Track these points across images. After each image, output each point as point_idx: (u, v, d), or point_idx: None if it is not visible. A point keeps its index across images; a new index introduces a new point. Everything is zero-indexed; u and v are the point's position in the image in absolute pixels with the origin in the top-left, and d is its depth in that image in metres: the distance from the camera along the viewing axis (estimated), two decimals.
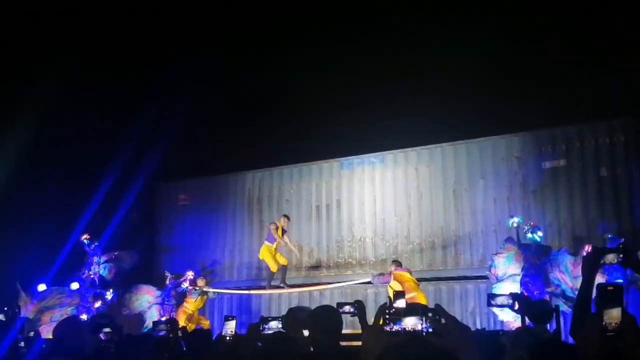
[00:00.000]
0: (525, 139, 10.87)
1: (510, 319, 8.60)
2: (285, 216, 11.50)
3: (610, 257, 2.96)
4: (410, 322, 1.59)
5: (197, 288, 10.97)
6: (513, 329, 8.64)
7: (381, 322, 1.78)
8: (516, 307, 4.63)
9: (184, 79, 11.33)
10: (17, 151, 10.03)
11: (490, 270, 9.22)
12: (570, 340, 4.14)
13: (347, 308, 4.10)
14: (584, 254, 3.68)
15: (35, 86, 10.22)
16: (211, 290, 11.36)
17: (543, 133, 10.73)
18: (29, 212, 11.07)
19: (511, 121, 10.79)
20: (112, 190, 11.65)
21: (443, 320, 1.60)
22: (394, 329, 1.60)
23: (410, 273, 9.72)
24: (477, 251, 10.88)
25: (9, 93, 10.64)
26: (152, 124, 10.90)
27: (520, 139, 10.92)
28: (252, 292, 11.81)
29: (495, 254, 9.21)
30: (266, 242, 11.24)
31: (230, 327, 3.57)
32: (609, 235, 8.68)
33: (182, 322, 10.88)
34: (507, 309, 8.78)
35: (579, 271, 7.93)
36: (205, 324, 11.00)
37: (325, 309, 3.76)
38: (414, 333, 1.56)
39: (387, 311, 1.64)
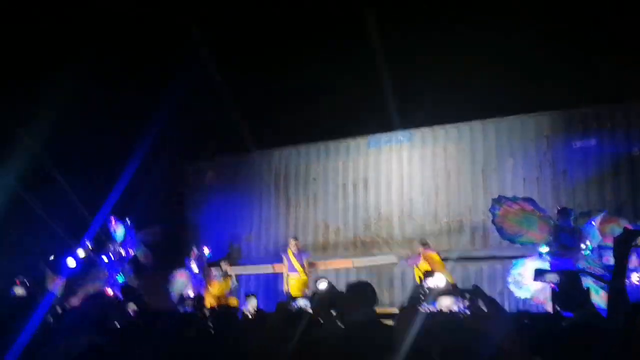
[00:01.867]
0: (555, 118, 10.67)
1: (528, 296, 8.53)
2: (294, 238, 11.25)
3: None
4: (446, 303, 1.56)
5: (221, 271, 11.07)
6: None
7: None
8: (561, 283, 4.47)
9: (211, 57, 11.33)
10: (47, 129, 10.14)
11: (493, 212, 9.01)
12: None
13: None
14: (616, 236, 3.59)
15: (63, 65, 10.30)
16: (234, 274, 11.39)
17: (573, 112, 10.51)
18: (56, 190, 11.22)
19: (541, 100, 10.59)
20: (140, 169, 11.76)
21: (482, 303, 1.57)
22: (429, 310, 1.57)
23: (438, 254, 9.73)
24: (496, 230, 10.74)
25: (38, 70, 10.77)
26: (180, 102, 10.94)
27: (549, 118, 10.72)
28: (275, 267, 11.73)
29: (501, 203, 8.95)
30: (290, 274, 10.90)
31: (252, 304, 3.61)
32: None
33: (208, 304, 11.08)
34: (525, 287, 8.76)
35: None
36: (233, 303, 11.13)
37: (360, 284, 3.71)
38: (450, 315, 1.54)
39: (421, 291, 1.62)
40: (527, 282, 8.63)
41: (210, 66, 11.60)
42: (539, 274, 5.10)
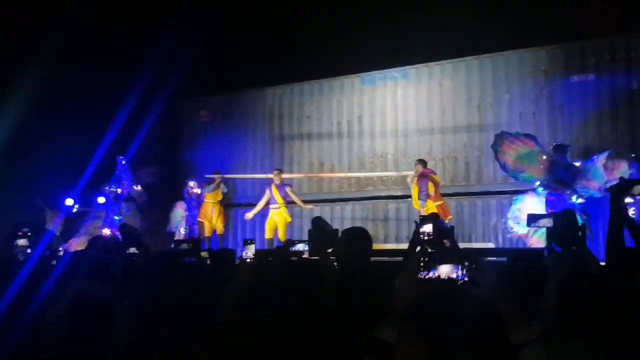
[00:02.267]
0: (553, 52, 10.50)
1: (526, 232, 8.64)
2: (276, 170, 11.28)
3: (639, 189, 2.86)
4: (445, 270, 1.55)
5: (212, 183, 11.46)
6: (530, 245, 8.74)
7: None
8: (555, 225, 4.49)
9: None
10: (42, 70, 9.96)
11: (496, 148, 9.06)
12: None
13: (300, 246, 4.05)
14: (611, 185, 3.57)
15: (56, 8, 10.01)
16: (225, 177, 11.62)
17: (572, 46, 10.33)
18: (54, 131, 11.12)
19: (539, 33, 10.37)
20: (135, 108, 11.63)
21: (480, 269, 1.55)
22: (428, 276, 1.56)
23: (436, 174, 10.00)
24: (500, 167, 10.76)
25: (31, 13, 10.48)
26: (173, 40, 10.69)
27: (547, 52, 10.55)
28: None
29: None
30: (271, 207, 11.02)
31: (251, 250, 3.62)
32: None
33: (205, 221, 11.25)
34: (523, 223, 8.87)
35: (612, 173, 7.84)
36: (220, 227, 11.37)
37: (356, 230, 3.72)
38: (449, 281, 1.53)
39: (422, 258, 1.60)
40: (506, 159, 8.81)
41: (204, 2, 11.27)
42: (532, 219, 5.10)
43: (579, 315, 2.04)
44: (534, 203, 8.73)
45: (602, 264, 3.90)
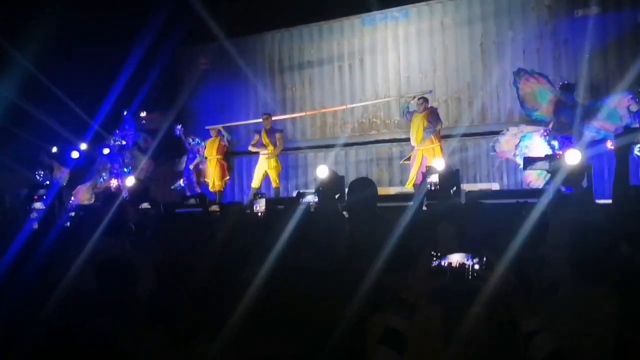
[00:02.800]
0: None
1: (535, 176, 8.65)
2: (265, 114, 11.13)
3: None
4: (456, 258, 1.56)
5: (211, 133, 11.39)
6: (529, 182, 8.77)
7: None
8: (552, 168, 4.55)
9: None
10: (46, 27, 9.83)
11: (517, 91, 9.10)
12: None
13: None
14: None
15: None
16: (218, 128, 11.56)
17: None
18: (59, 84, 11.05)
19: None
20: (136, 58, 11.51)
21: (491, 258, 1.57)
22: (440, 265, 1.58)
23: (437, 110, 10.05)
24: (504, 105, 10.70)
25: None
26: None
27: None
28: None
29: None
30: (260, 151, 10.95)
31: (262, 204, 3.66)
32: None
33: (209, 177, 11.26)
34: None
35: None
36: (218, 184, 11.33)
37: (361, 182, 3.73)
38: (459, 273, 1.55)
39: (433, 253, 1.61)
40: (533, 155, 8.80)
41: None
42: (528, 162, 5.11)
43: (591, 264, 2.08)
44: (541, 142, 8.72)
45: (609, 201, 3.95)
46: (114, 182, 11.57)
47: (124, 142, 12.00)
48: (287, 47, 12.72)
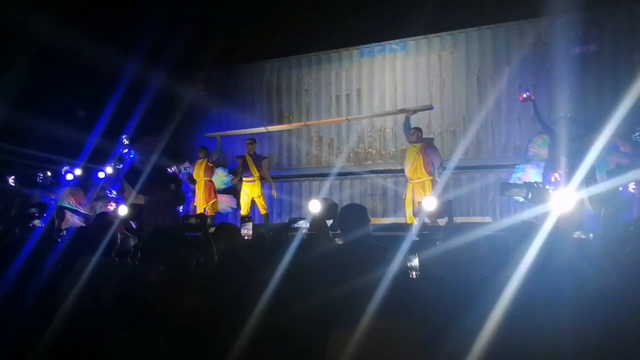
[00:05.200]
0: (554, 24, 10.38)
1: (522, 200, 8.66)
2: (249, 140, 10.96)
3: None
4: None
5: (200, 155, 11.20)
6: None
7: None
8: (529, 197, 4.55)
9: None
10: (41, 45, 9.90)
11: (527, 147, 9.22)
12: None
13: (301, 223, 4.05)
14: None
15: None
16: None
17: (573, 17, 10.21)
18: (55, 107, 11.07)
19: (540, 4, 10.24)
20: (133, 82, 11.55)
21: None
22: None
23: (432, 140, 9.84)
24: (499, 140, 10.77)
25: None
26: (171, 13, 10.56)
27: (548, 23, 10.43)
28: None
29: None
30: (244, 179, 10.78)
31: (249, 228, 3.63)
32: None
33: (197, 200, 11.14)
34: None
35: None
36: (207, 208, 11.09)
37: (351, 208, 3.70)
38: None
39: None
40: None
41: None
42: (505, 187, 5.10)
43: None
44: (534, 174, 8.76)
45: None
46: (111, 206, 11.47)
47: (120, 167, 11.94)
48: (285, 75, 12.82)
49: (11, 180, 10.93)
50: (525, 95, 8.46)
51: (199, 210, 10.95)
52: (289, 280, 2.72)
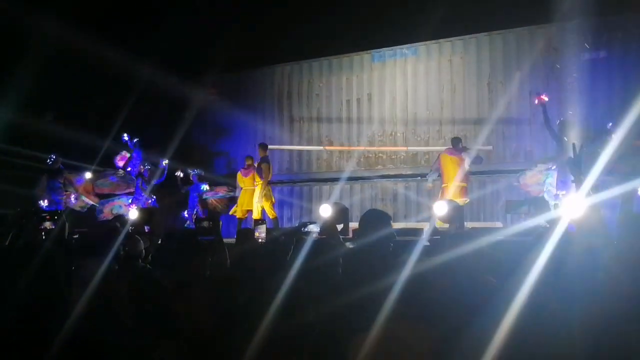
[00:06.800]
0: (564, 29, 10.38)
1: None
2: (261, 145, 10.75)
3: None
4: None
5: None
6: None
7: None
8: (530, 211, 4.58)
9: None
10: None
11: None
12: None
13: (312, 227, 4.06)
14: None
15: None
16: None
17: (583, 23, 10.21)
18: (71, 111, 11.18)
19: (550, 10, 10.25)
20: (145, 87, 11.63)
21: None
22: None
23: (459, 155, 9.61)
24: (509, 145, 10.76)
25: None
26: (182, 18, 10.66)
27: (559, 29, 10.43)
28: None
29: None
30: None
31: (262, 230, 3.67)
32: None
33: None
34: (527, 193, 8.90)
35: None
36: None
37: (373, 214, 3.70)
38: None
39: None
40: (530, 189, 8.81)
41: None
42: (511, 206, 5.13)
43: None
44: (540, 177, 8.73)
45: None
46: (123, 210, 11.45)
47: (130, 173, 11.87)
48: (296, 80, 12.87)
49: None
50: (542, 97, 8.41)
51: (254, 216, 10.78)
52: (302, 285, 2.75)
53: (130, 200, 11.42)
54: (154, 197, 11.58)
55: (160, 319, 2.81)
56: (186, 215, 11.81)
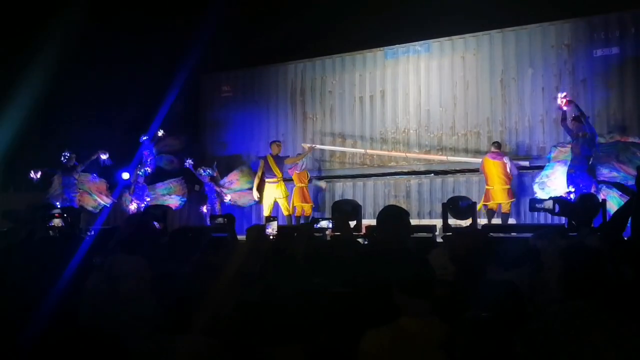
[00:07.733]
0: (577, 26, 10.39)
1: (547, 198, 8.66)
2: (275, 142, 11.24)
3: None
4: None
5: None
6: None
7: None
8: (557, 211, 4.63)
9: None
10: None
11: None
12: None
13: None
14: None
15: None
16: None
17: (595, 19, 10.21)
18: (76, 109, 11.32)
19: (563, 6, 10.26)
20: (157, 82, 11.74)
21: None
22: None
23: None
24: (523, 142, 10.77)
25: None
26: (195, 14, 10.75)
27: (571, 26, 10.44)
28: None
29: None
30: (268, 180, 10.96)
31: (274, 227, 3.77)
32: None
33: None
34: (547, 189, 8.96)
35: None
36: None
37: (390, 211, 3.75)
38: None
39: None
40: (550, 185, 8.88)
41: None
42: (535, 203, 5.18)
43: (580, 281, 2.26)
44: (562, 172, 8.77)
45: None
46: (133, 206, 11.57)
47: (147, 169, 11.96)
48: (309, 77, 12.92)
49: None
50: (568, 100, 8.55)
51: (297, 213, 11.11)
52: (315, 279, 2.84)
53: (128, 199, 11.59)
54: (152, 194, 11.72)
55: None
56: (205, 211, 11.94)
